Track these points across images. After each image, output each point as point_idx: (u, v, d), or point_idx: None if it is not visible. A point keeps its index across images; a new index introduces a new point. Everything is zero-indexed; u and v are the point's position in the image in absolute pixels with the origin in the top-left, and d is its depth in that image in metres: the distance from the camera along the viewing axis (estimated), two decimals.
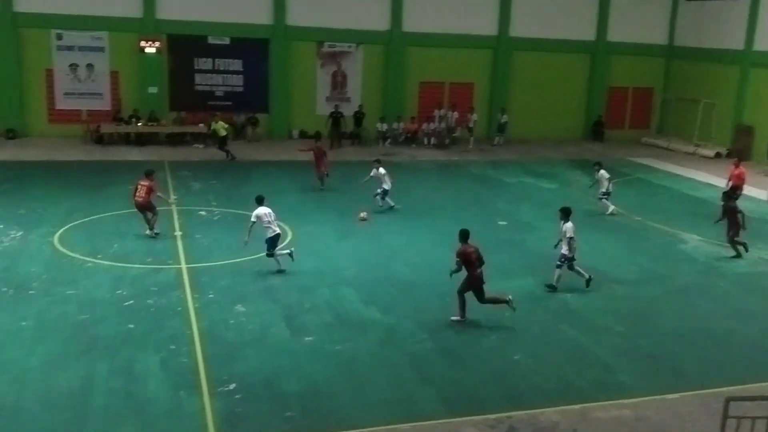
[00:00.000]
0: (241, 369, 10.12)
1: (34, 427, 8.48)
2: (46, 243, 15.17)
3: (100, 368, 9.90)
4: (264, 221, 13.91)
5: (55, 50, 26.84)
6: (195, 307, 12.19)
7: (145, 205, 15.73)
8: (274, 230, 13.97)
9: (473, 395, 9.80)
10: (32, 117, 26.99)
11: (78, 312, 11.75)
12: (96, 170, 22.48)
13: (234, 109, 29.17)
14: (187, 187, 20.96)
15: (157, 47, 27.53)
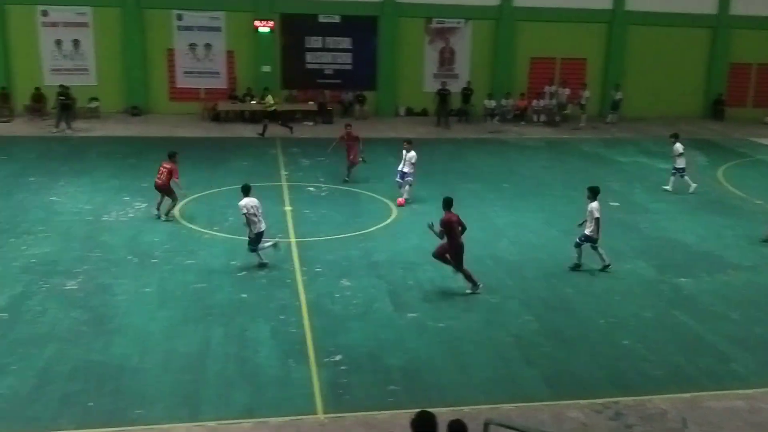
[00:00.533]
0: (347, 341, 10.39)
1: (155, 387, 9.05)
2: (168, 214, 16.00)
3: (216, 334, 10.43)
4: (250, 213, 12.74)
5: (175, 30, 28.08)
6: (303, 279, 12.57)
7: (163, 188, 15.55)
8: (260, 226, 12.83)
9: (579, 378, 9.65)
10: (155, 95, 28.42)
11: (196, 280, 12.38)
12: (213, 146, 23.44)
13: (342, 87, 29.62)
14: (297, 163, 21.53)
15: (271, 26, 28.28)
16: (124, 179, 18.76)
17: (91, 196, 17.11)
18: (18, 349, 9.79)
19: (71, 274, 12.39)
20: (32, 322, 10.63)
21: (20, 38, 27.04)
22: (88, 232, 14.63)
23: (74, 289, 11.82)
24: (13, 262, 12.83)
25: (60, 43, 27.37)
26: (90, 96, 27.15)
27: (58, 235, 14.37)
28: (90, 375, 9.23)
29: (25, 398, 8.66)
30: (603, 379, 9.64)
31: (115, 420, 8.29)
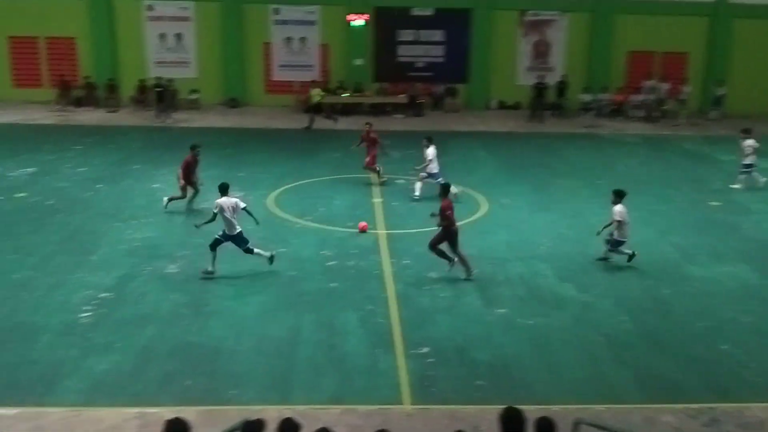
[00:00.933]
0: (434, 334, 10.42)
1: (248, 369, 9.36)
2: (262, 204, 16.43)
3: (306, 321, 10.68)
4: (226, 213, 12.15)
5: (272, 24, 28.78)
6: (392, 271, 12.68)
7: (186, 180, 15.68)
8: (237, 228, 12.23)
9: (673, 382, 9.34)
10: (251, 87, 29.23)
11: (288, 268, 12.69)
12: (306, 138, 23.91)
13: (434, 80, 29.60)
14: (387, 155, 21.64)
15: (365, 20, 28.55)
16: (221, 168, 19.36)
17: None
18: (122, 327, 10.33)
19: (172, 258, 12.95)
20: (135, 302, 11.18)
21: (127, 32, 28.36)
22: (188, 220, 15.22)
23: (174, 273, 12.34)
24: (119, 246, 13.52)
25: (164, 36, 28.55)
26: (191, 88, 28.20)
27: (160, 221, 15.04)
28: (188, 355, 9.64)
29: (128, 375, 9.13)
30: (698, 384, 9.30)
31: (211, 399, 8.62)
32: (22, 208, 15.58)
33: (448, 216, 12.11)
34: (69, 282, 11.79)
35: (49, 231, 14.19)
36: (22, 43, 28.35)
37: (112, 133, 23.52)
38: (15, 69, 28.54)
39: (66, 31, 28.16)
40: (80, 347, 9.73)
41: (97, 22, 27.98)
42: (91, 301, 11.10)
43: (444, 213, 12.10)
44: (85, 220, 14.90)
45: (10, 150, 20.55)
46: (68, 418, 8.14)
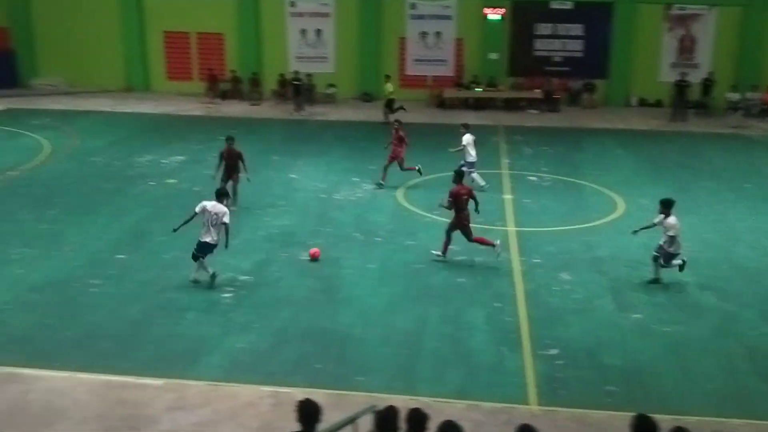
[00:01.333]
0: (564, 335, 10.22)
1: (375, 357, 9.59)
2: (391, 197, 16.71)
3: (433, 314, 10.78)
4: (205, 218, 11.52)
5: (408, 19, 29.05)
6: (521, 269, 12.54)
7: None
8: (212, 237, 11.43)
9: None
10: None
11: (415, 261, 12.85)
12: (437, 133, 24.00)
13: (571, 75, 28.83)
14: (519, 152, 21.41)
15: (501, 14, 28.25)
16: (354, 161, 19.88)
17: (325, 175, 18.35)
18: (260, 309, 10.86)
19: (306, 245, 13.42)
20: (272, 286, 11.72)
21: (271, 28, 29.55)
22: (321, 209, 15.74)
23: (308, 260, 12.81)
24: (258, 232, 14.19)
25: (304, 32, 29.53)
26: (328, 82, 29.01)
27: (296, 210, 15.64)
28: (319, 339, 10.00)
29: (263, 354, 9.60)
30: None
31: (339, 384, 8.90)
32: (171, 193, 16.68)
33: (450, 201, 12.48)
34: (213, 264, 12.45)
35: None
36: (175, 38, 30.24)
37: (254, 125, 24.64)
38: (169, 62, 30.50)
39: (215, 27, 29.75)
40: (221, 326, 10.34)
41: (244, 19, 29.35)
42: (233, 282, 11.75)
43: (450, 197, 12.50)
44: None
45: (163, 139, 22.02)
46: (208, 392, 8.68)
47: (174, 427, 7.96)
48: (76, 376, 8.93)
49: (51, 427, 7.91)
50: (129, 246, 13.28)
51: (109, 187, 17.06)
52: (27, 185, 16.96)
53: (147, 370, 9.10)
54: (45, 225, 14.37)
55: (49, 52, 30.51)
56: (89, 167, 18.68)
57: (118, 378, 8.89)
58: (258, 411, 8.29)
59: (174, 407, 8.33)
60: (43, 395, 8.52)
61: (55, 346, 9.68)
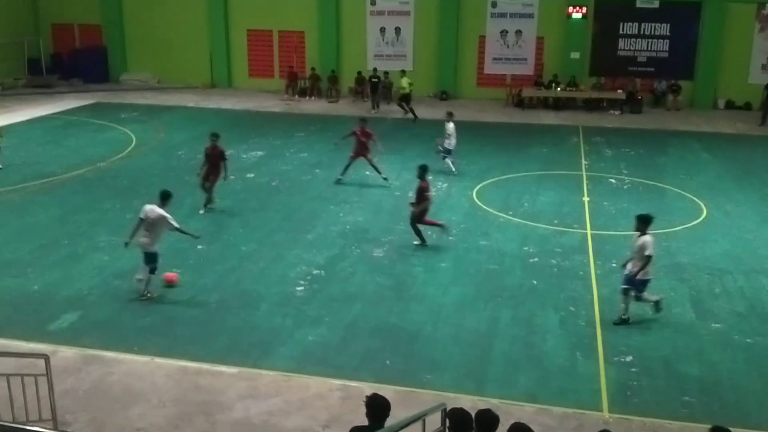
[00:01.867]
0: (639, 342, 9.95)
1: (445, 355, 9.56)
2: (466, 196, 16.62)
3: (504, 316, 10.67)
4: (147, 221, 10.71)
5: (488, 17, 28.80)
6: (597, 273, 12.26)
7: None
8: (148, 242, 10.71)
9: None
10: (463, 80, 29.51)
11: (488, 261, 12.75)
12: (515, 132, 23.73)
13: (655, 75, 28.00)
14: (599, 153, 20.92)
15: (584, 13, 27.67)
16: (429, 159, 19.73)
17: (399, 173, 18.40)
18: (331, 303, 11.00)
19: (379, 242, 13.53)
20: (344, 281, 11.85)
21: (351, 26, 29.83)
22: (394, 206, 15.79)
23: (380, 257, 12.89)
24: (332, 227, 14.37)
25: (383, 30, 29.68)
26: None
27: (369, 207, 15.75)
28: (388, 335, 10.05)
29: (334, 348, 9.72)
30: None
31: (407, 380, 8.92)
32: (250, 187, 17.08)
33: (428, 197, 13.25)
34: (287, 257, 12.77)
35: (272, 209, 15.44)
36: (258, 36, 30.92)
37: (331, 122, 24.93)
38: (251, 60, 31.22)
39: (297, 25, 30.26)
40: (294, 318, 10.53)
41: (325, 17, 29.74)
42: (306, 276, 11.94)
43: (423, 193, 13.20)
44: (304, 202, 16.00)
45: (244, 134, 22.55)
46: (279, 382, 8.85)
47: (246, 415, 8.16)
48: (154, 360, 9.27)
49: (129, 409, 8.23)
50: (208, 237, 13.66)
51: (192, 179, 17.57)
52: (114, 176, 17.70)
53: (222, 357, 9.36)
54: (130, 215, 14.88)
55: (139, 48, 31.74)
56: (173, 160, 19.32)
57: (195, 364, 9.18)
58: (327, 403, 8.41)
59: (246, 395, 8.53)
60: (123, 378, 8.88)
61: (135, 331, 10.08)
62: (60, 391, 8.11)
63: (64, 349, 9.43)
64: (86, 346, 9.60)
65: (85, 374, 8.92)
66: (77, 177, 17.53)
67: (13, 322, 10.24)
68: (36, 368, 7.69)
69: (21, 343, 9.47)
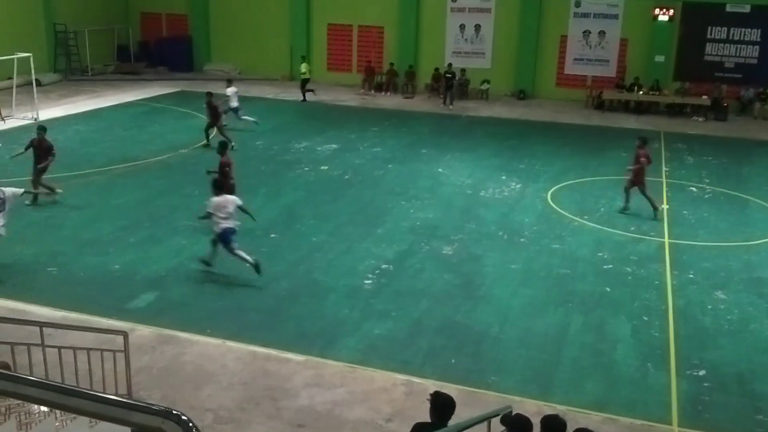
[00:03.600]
0: (713, 357, 9.62)
1: (511, 358, 9.48)
2: (540, 198, 16.39)
3: (575, 321, 10.49)
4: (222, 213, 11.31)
5: (571, 17, 28.26)
6: (673, 283, 11.91)
7: None
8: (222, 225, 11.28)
9: None
10: (542, 80, 29.08)
11: (560, 266, 12.55)
12: (593, 135, 23.26)
13: (743, 82, 26.92)
14: (681, 160, 20.30)
15: (671, 15, 26.83)
16: (503, 159, 19.68)
17: (472, 171, 18.31)
18: (398, 298, 11.06)
19: (448, 240, 13.50)
20: (412, 277, 11.89)
21: (430, 22, 29.80)
22: (466, 204, 15.74)
23: (449, 254, 12.86)
24: (402, 222, 14.42)
25: (463, 27, 29.51)
26: (482, 78, 28.87)
27: (440, 204, 15.73)
28: (454, 334, 10.03)
29: (399, 342, 9.77)
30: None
31: (472, 380, 8.89)
32: (324, 179, 17.31)
33: (227, 173, 13.27)
34: (356, 250, 12.89)
35: (343, 202, 15.61)
36: (338, 31, 31.25)
37: (406, 118, 25.01)
38: (330, 54, 31.58)
39: (376, 20, 30.44)
40: (361, 310, 10.63)
41: (405, 12, 29.80)
42: (374, 270, 12.03)
43: (223, 169, 13.37)
44: (375, 196, 16.12)
45: (320, 127, 22.86)
46: (345, 373, 8.96)
47: (310, 403, 8.29)
48: (226, 344, 9.52)
49: (200, 389, 8.49)
50: (281, 226, 13.94)
51: (268, 169, 17.98)
52: (195, 163, 18.21)
53: (290, 345, 9.53)
54: (208, 201, 15.37)
55: (222, 39, 32.56)
56: (250, 150, 19.75)
57: (264, 350, 9.39)
58: (391, 397, 8.47)
59: (312, 384, 8.68)
60: (195, 359, 9.16)
61: (209, 314, 10.38)
62: (136, 367, 8.42)
63: (141, 328, 9.80)
64: (162, 325, 9.94)
65: (159, 353, 9.25)
66: (160, 162, 18.14)
67: (95, 299, 10.70)
68: (114, 344, 8.02)
69: (101, 319, 9.88)
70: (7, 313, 9.42)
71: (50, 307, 10.26)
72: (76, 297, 10.69)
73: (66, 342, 7.73)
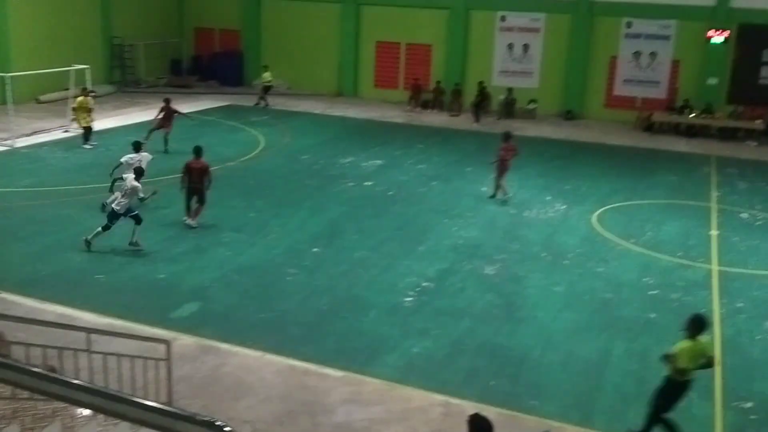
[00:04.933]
0: (762, 389, 9.34)
1: (552, 382, 9.34)
2: (585, 220, 16.16)
3: (618, 348, 10.29)
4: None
5: (622, 38, 27.93)
6: (721, 312, 11.61)
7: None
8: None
9: None
10: (591, 100, 28.77)
11: (604, 290, 12.34)
12: (642, 157, 22.88)
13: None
14: (732, 185, 19.83)
15: (726, 36, 26.33)
16: (549, 179, 19.48)
17: (517, 191, 18.15)
18: (438, 317, 11.00)
19: (491, 260, 13.40)
20: (453, 296, 11.82)
21: (478, 41, 29.79)
22: (509, 224, 15.61)
23: (491, 275, 12.76)
24: (444, 240, 14.38)
25: (511, 46, 29.42)
26: (530, 98, 28.71)
27: (483, 223, 15.64)
28: (494, 355, 9.93)
29: (438, 362, 9.71)
30: None
31: (511, 404, 8.77)
32: (368, 195, 17.38)
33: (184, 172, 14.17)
34: (398, 267, 12.89)
35: (387, 218, 15.64)
36: (386, 48, 31.46)
37: (451, 136, 24.99)
38: (378, 71, 31.80)
39: (424, 39, 30.57)
40: (401, 328, 10.61)
41: (453, 31, 29.87)
42: (415, 287, 12.00)
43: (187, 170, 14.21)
44: (418, 213, 16.10)
45: (365, 143, 22.99)
46: (382, 391, 8.94)
47: (347, 420, 8.29)
48: (265, 356, 9.60)
49: (238, 400, 8.56)
50: (324, 240, 14.02)
51: (313, 183, 18.13)
52: (241, 176, 18.49)
53: (329, 360, 9.56)
54: (253, 213, 15.59)
55: (273, 54, 33.04)
56: (297, 164, 19.97)
57: (303, 364, 9.43)
58: (428, 417, 8.41)
59: (349, 400, 8.67)
60: (235, 370, 9.25)
61: (250, 326, 10.48)
62: (177, 376, 8.54)
63: (183, 337, 9.94)
64: (204, 336, 10.07)
65: (200, 363, 9.36)
66: None
67: (140, 307, 10.90)
68: (157, 352, 8.15)
69: (145, 327, 10.06)
70: (56, 318, 9.67)
71: (97, 314, 10.49)
72: (122, 305, 10.91)
73: (111, 348, 7.89)
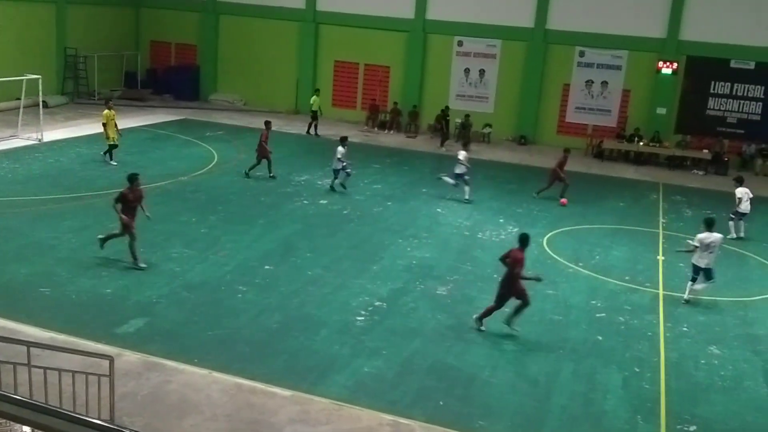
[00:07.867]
0: (705, 413, 9.52)
1: (501, 403, 9.35)
2: (536, 243, 16.25)
3: (565, 369, 10.40)
4: None
5: (575, 66, 28.58)
6: (666, 336, 11.84)
7: None
8: None
9: None
10: (544, 126, 29.30)
11: (553, 311, 12.49)
12: (592, 183, 23.33)
13: (745, 138, 27.13)
14: (678, 212, 20.36)
15: (674, 68, 27.15)
16: (502, 202, 19.73)
17: (471, 213, 18.33)
18: (390, 336, 10.97)
19: (443, 280, 13.46)
20: (405, 315, 11.82)
21: (436, 64, 30.13)
22: (463, 246, 15.72)
23: (443, 295, 12.81)
24: (398, 260, 14.39)
25: (468, 71, 29.84)
26: (485, 122, 29.09)
27: (437, 244, 15.72)
28: (444, 375, 9.94)
29: (389, 381, 9.67)
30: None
31: (460, 424, 8.77)
32: (322, 213, 17.32)
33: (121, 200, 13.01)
34: (351, 286, 12.84)
35: (341, 237, 15.60)
36: (344, 68, 31.58)
37: (408, 157, 25.15)
38: (336, 90, 31.88)
39: (383, 60, 30.78)
40: (352, 347, 10.55)
41: (412, 54, 30.15)
42: (368, 307, 11.97)
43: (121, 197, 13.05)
44: (373, 233, 16.11)
45: (321, 161, 22.91)
46: (331, 410, 8.85)
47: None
48: (212, 374, 9.42)
49: (183, 419, 8.38)
50: (277, 258, 13.90)
51: (267, 200, 18.01)
52: (194, 191, 18.26)
53: (277, 379, 9.44)
54: (204, 229, 15.38)
55: (229, 70, 32.88)
56: (251, 180, 19.81)
57: (250, 383, 9.28)
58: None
59: (297, 420, 8.56)
60: (180, 387, 9.05)
61: (197, 343, 10.29)
62: (120, 393, 8.33)
63: (128, 354, 9.71)
64: (149, 352, 9.85)
65: (145, 380, 9.15)
66: (159, 188, 18.16)
67: (85, 321, 10.62)
68: (100, 368, 7.94)
69: (89, 342, 9.79)
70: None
71: (40, 328, 10.18)
72: (67, 319, 10.63)
73: (53, 363, 7.65)
